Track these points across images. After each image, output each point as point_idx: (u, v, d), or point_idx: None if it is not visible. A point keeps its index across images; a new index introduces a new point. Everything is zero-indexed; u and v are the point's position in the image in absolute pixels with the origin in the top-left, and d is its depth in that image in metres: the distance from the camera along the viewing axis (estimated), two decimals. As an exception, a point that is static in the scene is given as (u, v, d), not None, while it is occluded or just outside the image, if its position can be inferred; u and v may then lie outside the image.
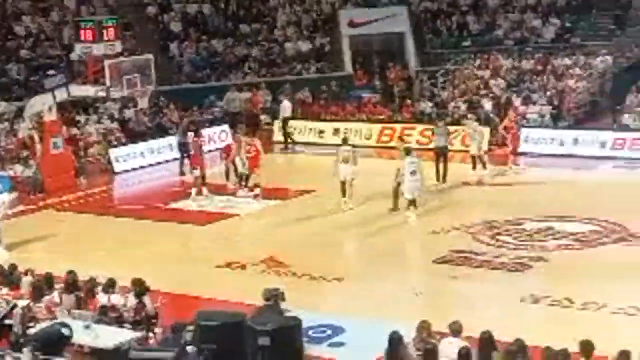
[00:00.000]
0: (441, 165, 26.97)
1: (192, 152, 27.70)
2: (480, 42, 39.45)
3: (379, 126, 33.32)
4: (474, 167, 26.94)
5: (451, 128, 29.05)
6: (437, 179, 26.69)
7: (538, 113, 32.80)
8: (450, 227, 22.39)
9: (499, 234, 21.80)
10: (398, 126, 33.17)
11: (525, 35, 39.14)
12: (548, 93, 33.69)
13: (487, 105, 33.39)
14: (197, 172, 26.82)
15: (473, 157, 27.07)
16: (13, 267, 17.26)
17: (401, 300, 17.79)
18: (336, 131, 33.04)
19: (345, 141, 25.76)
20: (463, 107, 33.58)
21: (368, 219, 23.71)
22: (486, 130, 30.32)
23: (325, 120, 35.13)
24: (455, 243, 21.17)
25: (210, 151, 29.95)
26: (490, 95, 34.16)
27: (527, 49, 37.51)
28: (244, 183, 26.67)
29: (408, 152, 24.03)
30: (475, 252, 20.46)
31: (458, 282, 18.92)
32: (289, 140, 33.93)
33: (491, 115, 32.62)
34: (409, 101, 35.92)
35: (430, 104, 35.25)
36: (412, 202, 23.24)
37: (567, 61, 35.31)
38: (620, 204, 23.56)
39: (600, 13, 38.73)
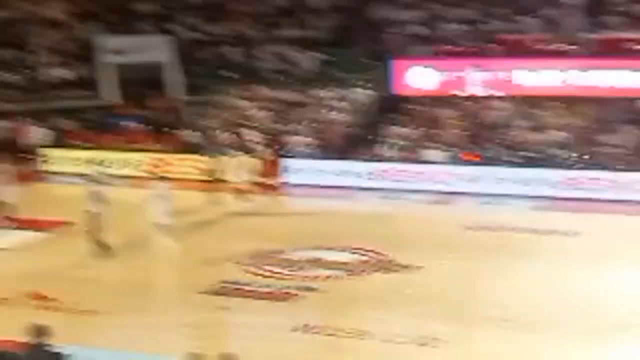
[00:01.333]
0: (211, 195, 27.08)
1: None
2: (242, 73, 39.75)
3: (143, 156, 32.86)
4: (241, 199, 27.06)
5: (220, 158, 29.13)
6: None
7: (301, 144, 33.33)
8: (219, 258, 22.37)
9: (267, 264, 21.96)
10: (163, 156, 32.93)
11: (286, 67, 39.76)
12: (310, 124, 34.31)
13: (251, 135, 33.63)
14: None
15: (238, 189, 27.21)
16: None
17: (171, 333, 17.55)
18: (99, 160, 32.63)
19: None
20: (227, 137, 33.62)
21: (133, 250, 23.37)
22: (251, 161, 30.70)
23: (86, 149, 34.36)
24: (224, 274, 21.14)
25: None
26: (254, 125, 34.46)
27: (289, 81, 38.10)
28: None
29: (159, 178, 25.11)
30: (245, 283, 20.52)
31: (228, 313, 18.82)
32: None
33: (255, 146, 32.92)
34: (173, 131, 35.74)
35: (194, 134, 35.18)
36: (164, 228, 23.41)
37: (328, 93, 36.13)
38: (382, 233, 24.27)
39: (359, 47, 39.85)
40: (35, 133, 33.81)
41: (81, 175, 31.09)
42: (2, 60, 39.57)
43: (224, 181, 28.97)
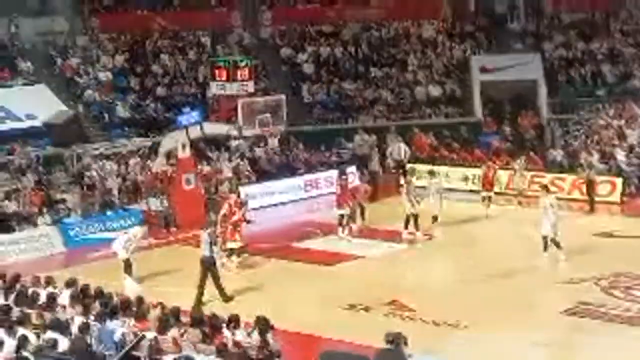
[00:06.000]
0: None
1: (337, 192, 27.80)
2: (614, 92, 38.80)
3: (507, 173, 32.75)
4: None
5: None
6: None
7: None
8: (579, 278, 21.96)
9: (630, 287, 21.28)
10: (528, 174, 32.61)
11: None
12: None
13: (620, 155, 32.63)
14: (344, 211, 26.94)
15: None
16: (141, 300, 17.57)
17: (525, 351, 17.50)
18: (464, 176, 33.12)
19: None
20: (596, 156, 32.74)
21: (496, 266, 23.48)
22: (619, 181, 30.06)
23: (453, 165, 34.76)
24: (584, 294, 20.75)
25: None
26: (624, 145, 33.37)
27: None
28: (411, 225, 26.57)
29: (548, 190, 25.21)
30: (605, 305, 20.03)
31: (585, 335, 18.56)
32: None
33: (624, 166, 32.00)
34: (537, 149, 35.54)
35: (561, 153, 34.64)
36: (554, 242, 23.49)
37: None
38: None
39: None
40: (402, 148, 34.69)
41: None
42: (377, 77, 41.10)
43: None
